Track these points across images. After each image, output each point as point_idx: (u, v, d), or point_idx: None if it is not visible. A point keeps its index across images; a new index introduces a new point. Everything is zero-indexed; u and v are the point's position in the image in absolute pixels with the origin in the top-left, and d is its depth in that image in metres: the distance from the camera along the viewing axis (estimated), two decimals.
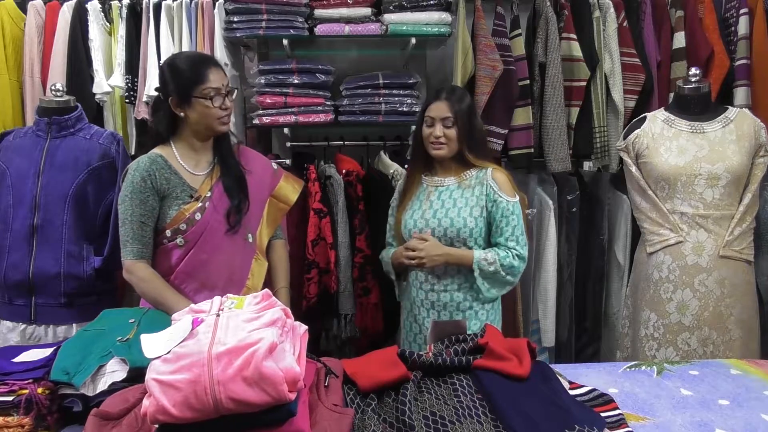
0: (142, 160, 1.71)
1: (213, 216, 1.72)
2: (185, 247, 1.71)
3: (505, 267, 1.84)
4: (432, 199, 1.93)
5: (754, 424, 1.22)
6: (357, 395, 1.21)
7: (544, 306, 2.63)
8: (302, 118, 2.49)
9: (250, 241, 1.82)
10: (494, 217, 1.87)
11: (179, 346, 0.99)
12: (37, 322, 1.90)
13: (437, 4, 2.48)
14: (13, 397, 1.16)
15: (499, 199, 1.87)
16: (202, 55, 1.85)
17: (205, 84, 1.66)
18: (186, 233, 1.70)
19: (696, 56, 2.56)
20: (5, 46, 2.50)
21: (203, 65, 1.69)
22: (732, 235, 1.99)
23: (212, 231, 1.72)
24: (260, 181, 1.86)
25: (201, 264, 1.72)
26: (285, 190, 1.94)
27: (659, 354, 2.05)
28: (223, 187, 1.75)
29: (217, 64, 1.77)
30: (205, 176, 1.76)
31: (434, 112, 1.89)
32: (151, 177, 1.68)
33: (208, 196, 1.72)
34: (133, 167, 1.71)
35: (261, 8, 2.43)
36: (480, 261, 1.84)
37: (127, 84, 2.48)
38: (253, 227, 1.83)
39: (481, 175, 1.91)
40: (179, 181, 1.71)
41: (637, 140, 2.11)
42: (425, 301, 1.92)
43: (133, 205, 1.66)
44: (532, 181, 2.66)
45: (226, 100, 1.71)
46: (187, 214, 1.69)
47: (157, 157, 1.72)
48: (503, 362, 1.26)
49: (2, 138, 1.98)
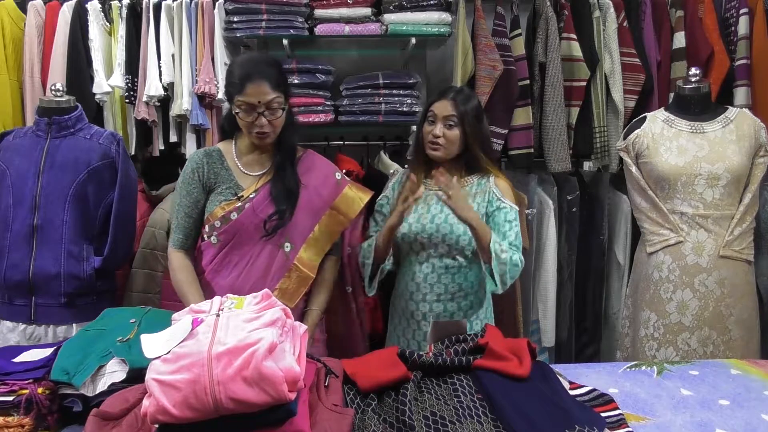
0: (199, 152, 1.76)
1: (249, 218, 1.68)
2: (218, 246, 1.70)
3: (512, 262, 1.74)
4: (430, 204, 1.86)
5: (754, 424, 1.22)
6: (357, 395, 1.21)
7: (544, 306, 2.63)
8: (302, 118, 2.48)
9: (287, 251, 1.72)
10: (497, 222, 1.80)
11: (179, 346, 0.99)
12: (37, 322, 1.90)
13: (437, 4, 2.48)
14: (14, 397, 1.16)
15: (502, 205, 1.82)
16: (257, 64, 1.64)
17: (240, 96, 1.61)
18: (220, 231, 1.69)
19: (696, 56, 2.56)
20: (5, 46, 2.50)
21: (247, 76, 1.60)
22: (732, 235, 1.99)
23: (246, 233, 1.68)
24: (315, 191, 1.77)
25: (230, 265, 1.70)
26: (347, 202, 1.80)
27: (659, 354, 2.05)
28: (269, 192, 1.70)
29: (265, 77, 1.61)
30: (257, 178, 1.73)
31: (438, 110, 1.82)
32: (200, 170, 1.70)
33: (250, 197, 1.69)
34: (189, 158, 1.76)
35: (261, 8, 2.43)
36: (495, 243, 1.72)
37: (127, 84, 2.48)
38: (295, 238, 1.74)
39: (483, 182, 1.86)
40: (228, 177, 1.71)
41: (637, 140, 2.11)
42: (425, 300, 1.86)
43: (181, 195, 1.71)
44: (532, 181, 2.66)
45: (262, 118, 1.62)
46: (223, 212, 1.68)
47: (214, 150, 1.75)
48: (503, 362, 1.26)
49: (2, 138, 1.98)
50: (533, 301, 2.67)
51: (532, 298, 2.66)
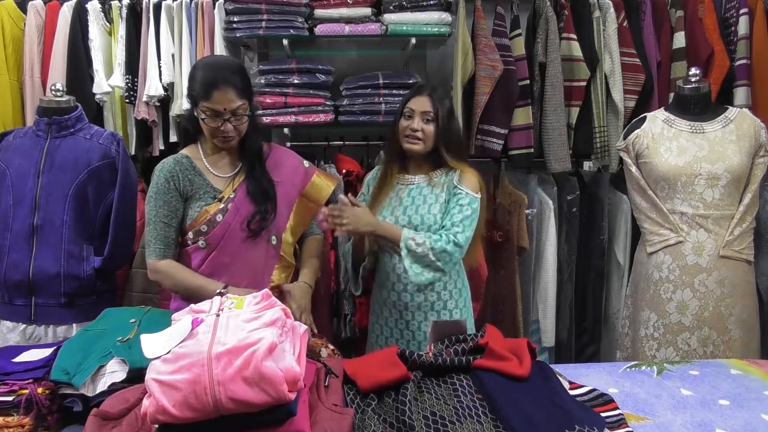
0: (168, 161, 1.73)
1: (235, 218, 1.70)
2: (207, 250, 1.71)
3: (436, 251, 1.76)
4: (402, 197, 1.92)
5: (754, 424, 1.22)
6: (357, 395, 1.21)
7: (544, 306, 2.63)
8: (302, 118, 2.49)
9: (274, 244, 1.78)
10: (450, 205, 1.85)
11: (179, 346, 0.99)
12: (37, 322, 1.90)
13: (437, 4, 2.48)
14: (13, 397, 1.16)
15: (457, 189, 1.86)
16: (222, 70, 1.64)
17: (206, 103, 1.62)
18: (208, 235, 1.69)
19: (696, 56, 2.56)
20: (5, 46, 2.50)
21: (213, 83, 1.61)
22: (732, 235, 1.99)
23: (234, 233, 1.70)
24: (289, 183, 1.82)
25: (223, 266, 1.71)
26: (316, 189, 1.88)
27: (659, 354, 2.05)
28: (246, 191, 1.72)
29: (231, 84, 1.62)
30: (230, 178, 1.75)
31: (415, 105, 1.88)
32: (175, 178, 1.69)
33: (231, 197, 1.71)
34: (159, 168, 1.72)
35: (261, 8, 2.43)
36: (408, 240, 1.77)
37: (127, 84, 2.48)
38: (278, 229, 1.79)
39: (450, 172, 1.92)
40: (203, 182, 1.72)
41: (637, 140, 2.11)
42: (398, 303, 1.90)
43: (157, 206, 1.68)
44: (532, 181, 2.66)
45: (227, 125, 1.64)
46: (209, 215, 1.69)
47: (183, 158, 1.74)
48: (503, 362, 1.26)
49: (2, 138, 1.98)
50: (533, 301, 2.67)
51: (532, 298, 2.67)
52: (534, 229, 2.60)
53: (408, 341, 1.91)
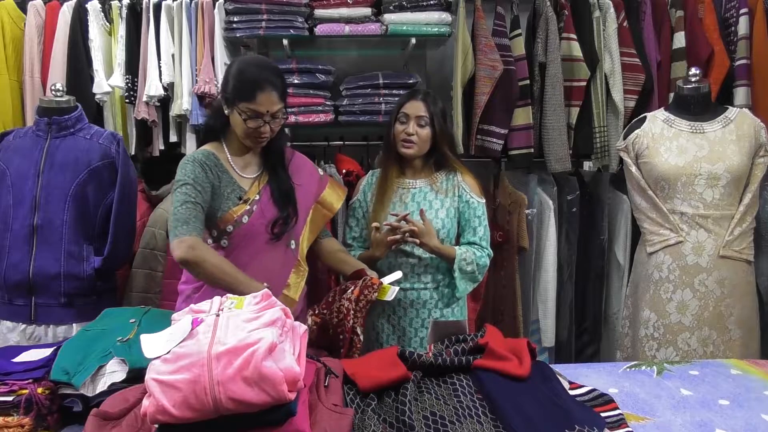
0: (197, 154, 1.69)
1: (259, 220, 1.71)
2: (228, 249, 1.71)
3: (480, 267, 1.92)
4: (407, 202, 1.95)
5: (754, 424, 1.22)
6: (357, 395, 1.21)
7: (544, 306, 2.63)
8: (302, 118, 2.49)
9: (293, 248, 1.80)
10: (467, 218, 1.95)
11: (179, 346, 0.99)
12: (37, 322, 1.90)
13: (437, 4, 2.48)
14: (13, 397, 1.16)
15: (471, 200, 1.95)
16: (266, 71, 1.64)
17: (250, 104, 1.62)
18: (231, 235, 1.70)
19: (696, 56, 2.56)
20: (5, 46, 2.50)
21: (259, 84, 1.61)
22: (732, 235, 1.99)
23: (256, 234, 1.71)
24: (307, 190, 1.84)
25: (241, 267, 1.68)
26: (330, 197, 1.92)
27: (659, 354, 2.05)
28: (270, 194, 1.74)
29: (275, 86, 1.64)
30: (254, 179, 1.75)
31: (410, 110, 1.92)
32: (208, 170, 1.67)
33: (256, 199, 1.72)
34: (191, 159, 1.67)
35: (261, 8, 2.43)
36: (460, 261, 1.88)
37: (127, 84, 2.48)
38: (297, 234, 1.81)
39: (451, 177, 1.97)
40: (230, 180, 1.72)
41: (637, 140, 2.11)
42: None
43: (196, 190, 1.61)
44: (532, 181, 2.66)
45: (266, 126, 1.65)
46: (236, 216, 1.69)
47: (210, 154, 1.72)
48: (503, 362, 1.26)
49: (2, 138, 1.98)
50: (533, 301, 2.67)
51: (532, 298, 2.66)
52: (534, 229, 2.60)
53: (399, 337, 1.94)
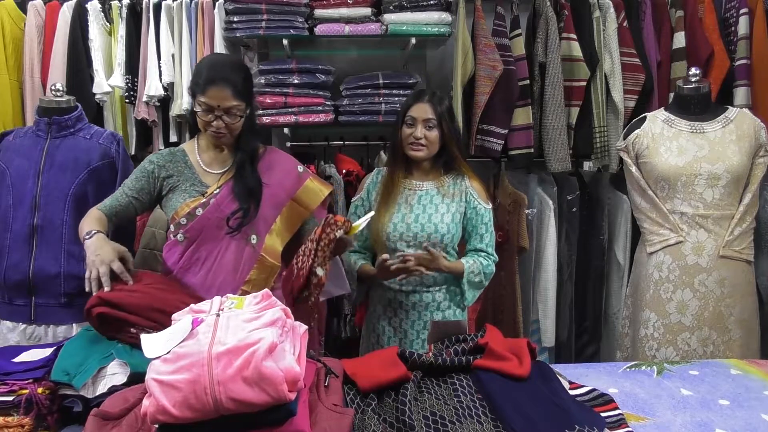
0: (164, 152, 1.81)
1: (214, 214, 1.71)
2: (185, 244, 1.72)
3: (487, 275, 1.93)
4: (413, 204, 1.92)
5: (754, 424, 1.22)
6: (357, 395, 1.21)
7: (544, 306, 2.63)
8: (302, 118, 2.49)
9: (254, 243, 1.78)
10: (474, 224, 1.93)
11: (179, 346, 0.99)
12: (37, 322, 1.90)
13: (437, 4, 2.48)
14: (13, 397, 1.16)
15: (479, 206, 1.93)
16: (223, 68, 1.67)
17: (201, 97, 1.65)
18: (186, 228, 1.71)
19: (696, 56, 2.56)
20: (5, 46, 2.50)
21: (211, 80, 1.64)
22: (732, 235, 1.99)
23: (211, 229, 1.71)
24: (278, 186, 1.81)
25: (198, 262, 1.72)
26: (308, 194, 1.86)
27: (659, 354, 2.05)
28: (231, 189, 1.73)
29: (230, 83, 1.65)
30: (219, 175, 1.76)
31: (416, 113, 1.88)
32: (161, 166, 1.76)
33: (215, 194, 1.73)
34: (155, 154, 1.80)
35: (261, 8, 2.43)
36: (469, 274, 1.89)
37: (127, 84, 2.48)
38: (260, 229, 1.78)
39: (459, 181, 1.95)
40: (191, 175, 1.75)
41: (637, 140, 2.11)
42: (393, 302, 1.92)
43: (131, 179, 1.75)
44: (532, 181, 2.66)
45: (219, 121, 1.66)
46: (189, 209, 1.71)
47: (178, 151, 1.80)
48: (503, 362, 1.26)
49: (2, 138, 1.98)
50: (533, 301, 2.67)
51: (532, 298, 2.67)
52: (534, 229, 2.60)
53: (400, 339, 1.93)
